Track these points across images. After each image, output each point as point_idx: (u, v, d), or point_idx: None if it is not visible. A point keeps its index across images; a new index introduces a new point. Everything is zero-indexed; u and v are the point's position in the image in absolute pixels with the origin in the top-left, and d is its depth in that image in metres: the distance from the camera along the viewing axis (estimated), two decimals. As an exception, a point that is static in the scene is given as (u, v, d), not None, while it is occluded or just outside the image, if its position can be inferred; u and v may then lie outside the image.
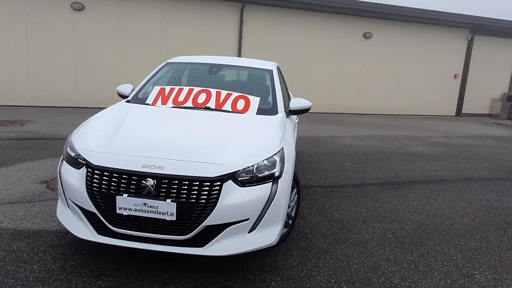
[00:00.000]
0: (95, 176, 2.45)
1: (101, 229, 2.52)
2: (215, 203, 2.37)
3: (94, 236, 2.52)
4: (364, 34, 12.09)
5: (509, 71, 14.70)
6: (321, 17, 11.57)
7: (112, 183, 2.41)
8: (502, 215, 4.23)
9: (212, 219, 2.38)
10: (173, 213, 2.35)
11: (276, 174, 2.59)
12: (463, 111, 14.29)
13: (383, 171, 5.75)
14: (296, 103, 3.71)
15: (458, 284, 2.76)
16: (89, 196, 2.46)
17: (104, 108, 3.49)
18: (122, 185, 2.40)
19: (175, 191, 2.36)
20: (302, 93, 11.56)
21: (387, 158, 6.71)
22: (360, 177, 5.34)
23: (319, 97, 11.97)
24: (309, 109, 3.75)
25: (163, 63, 4.18)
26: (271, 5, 10.84)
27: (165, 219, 2.36)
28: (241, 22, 10.72)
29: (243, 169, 2.47)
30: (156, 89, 3.65)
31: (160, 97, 3.53)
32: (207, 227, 2.41)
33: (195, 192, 2.36)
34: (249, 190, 2.46)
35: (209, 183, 2.37)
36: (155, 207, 2.35)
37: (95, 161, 2.48)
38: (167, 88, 3.63)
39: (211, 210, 2.37)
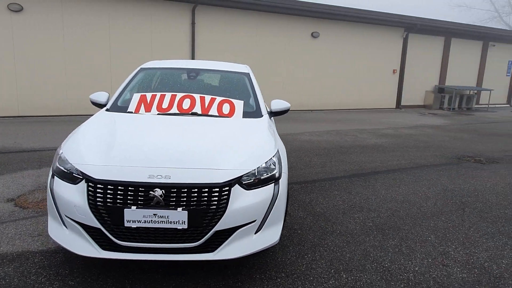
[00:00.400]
0: (98, 190, 2.38)
1: (105, 244, 2.45)
2: (225, 207, 2.42)
3: (98, 252, 2.44)
4: (312, 34, 12.59)
5: (439, 65, 16.18)
6: (272, 18, 11.85)
7: (118, 196, 2.36)
8: (457, 196, 4.74)
9: (222, 224, 2.43)
10: (184, 221, 2.36)
11: (277, 175, 2.70)
12: (402, 104, 15.47)
13: (347, 164, 6.11)
14: (277, 104, 3.84)
15: (438, 261, 3.08)
16: (92, 212, 2.38)
17: (50, 116, 3.35)
18: (129, 197, 2.35)
19: (185, 199, 2.37)
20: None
21: (348, 151, 7.12)
22: (329, 171, 5.63)
23: (272, 95, 12.24)
24: (288, 110, 3.90)
25: (137, 69, 4.08)
26: (222, 6, 10.87)
27: (176, 228, 2.37)
28: (193, 23, 10.63)
29: (247, 172, 2.55)
30: (137, 96, 3.56)
31: (142, 105, 3.46)
32: (217, 232, 2.46)
33: (205, 198, 2.39)
34: (255, 193, 2.54)
35: (218, 189, 2.41)
36: (166, 217, 2.35)
37: (96, 174, 2.40)
38: (148, 95, 3.56)
39: (222, 215, 2.42)
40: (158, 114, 3.36)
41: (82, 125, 3.06)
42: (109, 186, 2.37)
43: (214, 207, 2.40)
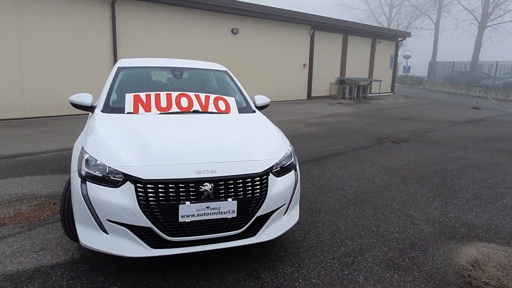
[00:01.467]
0: (149, 190, 2.42)
1: (154, 243, 2.51)
2: (265, 194, 2.70)
3: (149, 251, 2.49)
4: (232, 30, 12.96)
5: (339, 59, 18.11)
6: (194, 14, 11.84)
7: (171, 194, 2.44)
8: (395, 171, 5.70)
9: (263, 209, 2.71)
10: (234, 211, 2.57)
11: (294, 163, 3.06)
12: (312, 95, 16.94)
13: (298, 152, 6.71)
14: (261, 100, 4.15)
15: (408, 221, 3.82)
16: (144, 212, 2.42)
17: None
18: (181, 194, 2.46)
19: (232, 190, 2.57)
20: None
21: (291, 140, 7.74)
22: (284, 160, 6.15)
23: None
24: (268, 104, 4.25)
25: (115, 68, 3.95)
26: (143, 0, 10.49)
27: (226, 218, 2.56)
28: (113, 18, 10.04)
29: (277, 162, 2.85)
30: (129, 96, 3.51)
31: (139, 105, 3.44)
32: (258, 217, 2.72)
33: (250, 187, 2.63)
34: (283, 179, 2.86)
35: (259, 178, 2.67)
36: (218, 208, 2.52)
37: (144, 175, 2.44)
38: (142, 95, 3.54)
39: (263, 201, 2.69)
40: (160, 113, 3.39)
41: (96, 128, 2.94)
42: (159, 185, 2.44)
43: (258, 194, 2.66)
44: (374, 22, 47.89)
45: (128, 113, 3.35)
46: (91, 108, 3.57)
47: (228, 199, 2.55)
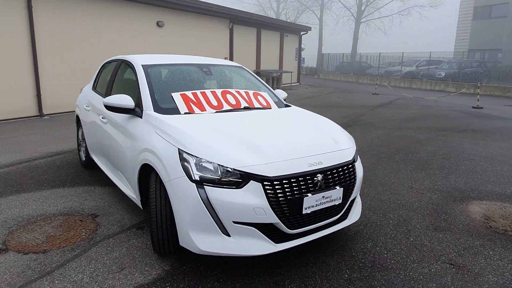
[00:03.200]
0: (277, 187, 2.46)
1: (277, 237, 2.56)
2: (355, 179, 2.95)
3: (275, 246, 2.53)
4: (157, 23, 12.35)
5: (255, 52, 18.74)
6: (117, 5, 10.92)
7: (295, 188, 2.52)
8: (367, 152, 6.43)
9: (354, 193, 2.96)
10: (340, 197, 2.76)
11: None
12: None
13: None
14: (282, 94, 4.29)
15: (415, 192, 4.48)
16: (273, 208, 2.44)
17: None
18: (303, 187, 2.55)
19: (337, 178, 2.76)
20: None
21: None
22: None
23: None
24: (285, 99, 4.42)
25: (139, 66, 3.62)
26: (60, -13, 9.27)
27: (334, 204, 2.74)
28: (29, 7, 8.66)
29: (355, 149, 3.11)
30: (177, 96, 3.33)
31: (191, 104, 3.29)
32: (351, 201, 2.96)
33: (347, 174, 2.85)
34: (359, 164, 3.15)
35: (351, 165, 2.91)
36: (330, 197, 2.69)
37: (269, 173, 2.46)
38: (189, 94, 3.39)
39: (354, 186, 2.94)
40: (216, 112, 3.30)
41: (188, 131, 2.73)
42: (284, 181, 2.49)
43: (353, 180, 2.90)
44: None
45: (186, 113, 3.19)
46: (133, 111, 3.26)
47: (336, 187, 2.73)
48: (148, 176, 3.01)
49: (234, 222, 2.43)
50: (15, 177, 4.71)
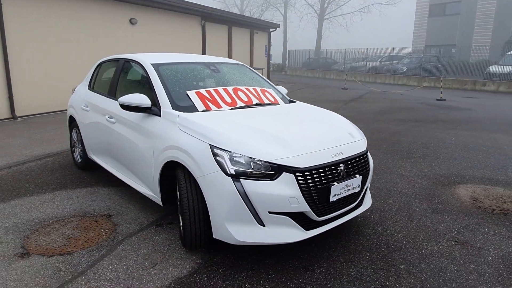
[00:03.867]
0: (308, 177, 2.62)
1: (306, 225, 2.72)
2: (369, 168, 3.17)
3: (305, 233, 2.69)
4: (130, 20, 12.07)
5: (226, 49, 18.75)
6: (90, 3, 10.57)
7: (323, 178, 2.69)
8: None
9: (368, 181, 3.19)
10: (359, 185, 2.97)
11: (364, 143, 3.59)
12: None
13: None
14: (284, 90, 4.45)
15: (407, 179, 4.81)
16: (305, 197, 2.60)
17: None
18: (329, 176, 2.73)
19: (356, 167, 2.97)
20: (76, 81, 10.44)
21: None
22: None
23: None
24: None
25: (148, 66, 3.64)
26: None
27: (355, 192, 2.95)
28: (-2, 3, 8.22)
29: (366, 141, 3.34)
30: (192, 94, 3.39)
31: (207, 102, 3.37)
32: (366, 188, 3.18)
33: (363, 163, 3.06)
34: (369, 155, 3.37)
35: (365, 154, 3.13)
36: (351, 185, 2.89)
37: (300, 164, 2.62)
38: (203, 92, 3.46)
39: (369, 174, 3.16)
40: (231, 109, 3.40)
41: (215, 127, 2.81)
42: (313, 172, 2.66)
43: (368, 169, 3.12)
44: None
45: (204, 110, 3.26)
46: (149, 110, 3.29)
47: (356, 176, 2.93)
48: (169, 173, 3.08)
49: (270, 212, 2.56)
50: (10, 182, 4.54)
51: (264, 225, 2.60)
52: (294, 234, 2.65)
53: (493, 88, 18.23)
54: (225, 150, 2.63)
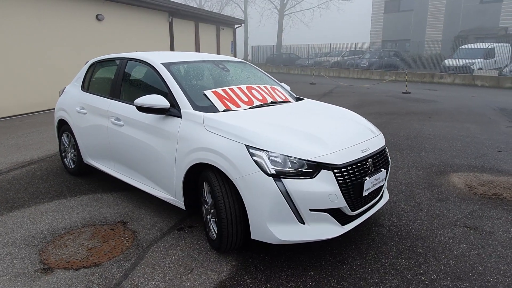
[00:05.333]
0: (345, 173, 2.67)
1: (341, 220, 2.77)
2: (389, 162, 3.28)
3: (343, 228, 2.75)
4: (97, 16, 11.50)
5: (194, 45, 18.42)
6: (55, 1, 9.96)
7: (357, 173, 2.76)
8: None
9: (387, 175, 3.29)
10: (384, 178, 3.08)
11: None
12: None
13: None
14: (288, 88, 4.47)
15: (404, 170, 5.03)
16: (343, 193, 2.65)
17: None
18: (361, 172, 2.80)
19: (381, 161, 3.06)
20: (44, 81, 9.85)
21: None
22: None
23: (61, 83, 10.57)
24: (288, 92, 4.60)
25: (158, 65, 3.50)
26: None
27: (381, 185, 3.04)
28: (-47, -2, 7.49)
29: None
30: (210, 94, 3.32)
31: (225, 101, 3.31)
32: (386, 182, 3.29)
33: (385, 157, 3.17)
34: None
35: (384, 149, 3.23)
36: (379, 179, 2.98)
37: (337, 161, 2.66)
38: (219, 91, 3.40)
39: (388, 168, 3.27)
40: (250, 108, 3.37)
41: (247, 127, 2.77)
42: (349, 168, 2.71)
43: (388, 162, 3.23)
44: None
45: (225, 110, 3.21)
46: (167, 111, 3.18)
47: (382, 169, 3.03)
48: (190, 177, 3.02)
49: (311, 210, 2.59)
50: (-1, 193, 4.21)
51: (304, 223, 2.62)
52: (333, 229, 2.70)
53: (449, 81, 19.40)
54: (263, 150, 2.61)
